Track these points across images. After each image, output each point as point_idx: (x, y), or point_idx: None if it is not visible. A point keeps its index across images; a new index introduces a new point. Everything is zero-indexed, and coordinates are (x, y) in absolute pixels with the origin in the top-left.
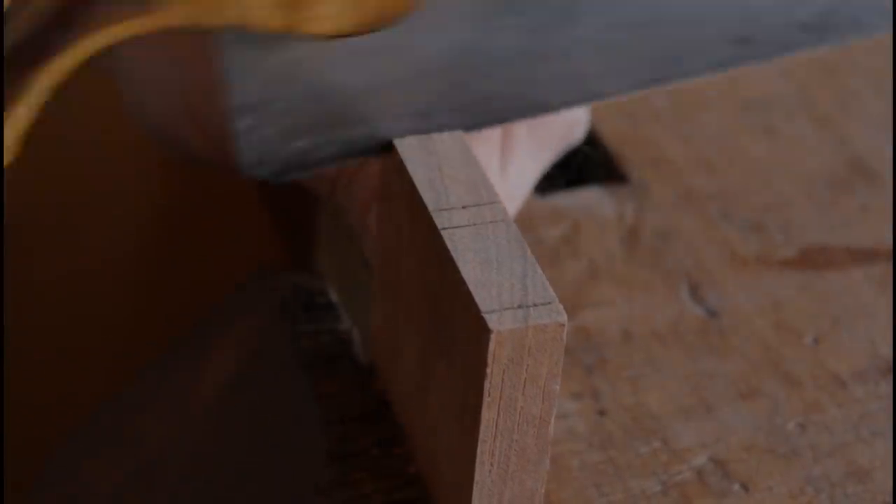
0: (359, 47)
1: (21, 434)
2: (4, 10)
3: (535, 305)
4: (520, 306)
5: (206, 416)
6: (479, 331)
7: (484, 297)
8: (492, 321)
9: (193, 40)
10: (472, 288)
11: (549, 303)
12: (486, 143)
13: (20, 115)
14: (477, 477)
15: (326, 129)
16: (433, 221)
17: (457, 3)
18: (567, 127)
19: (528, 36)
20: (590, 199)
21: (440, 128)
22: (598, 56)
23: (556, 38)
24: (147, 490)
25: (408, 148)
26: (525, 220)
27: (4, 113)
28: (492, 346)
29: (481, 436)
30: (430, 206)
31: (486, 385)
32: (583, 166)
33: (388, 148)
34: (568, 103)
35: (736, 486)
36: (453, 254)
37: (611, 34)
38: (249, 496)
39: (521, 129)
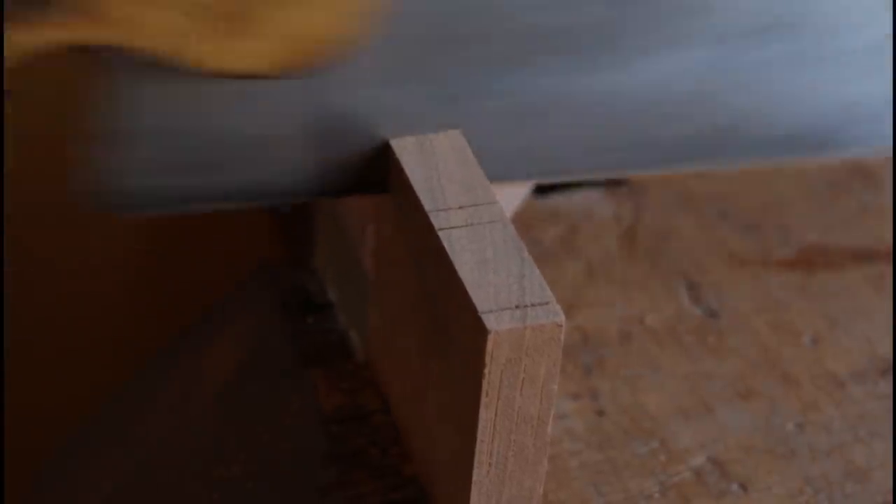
0: (260, 92)
1: (21, 434)
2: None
3: (532, 305)
4: (517, 306)
5: (205, 416)
6: (476, 331)
7: (481, 298)
8: (489, 321)
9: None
10: (469, 288)
11: (547, 303)
12: None
13: None
14: (475, 477)
15: (207, 170)
16: (430, 222)
17: (375, 62)
18: None
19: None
20: (588, 199)
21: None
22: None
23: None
24: (147, 489)
25: (405, 148)
26: (523, 221)
27: None
28: (489, 346)
29: (479, 436)
30: (427, 207)
31: (484, 385)
32: None
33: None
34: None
35: (734, 487)
36: (450, 254)
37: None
38: (248, 496)
39: None
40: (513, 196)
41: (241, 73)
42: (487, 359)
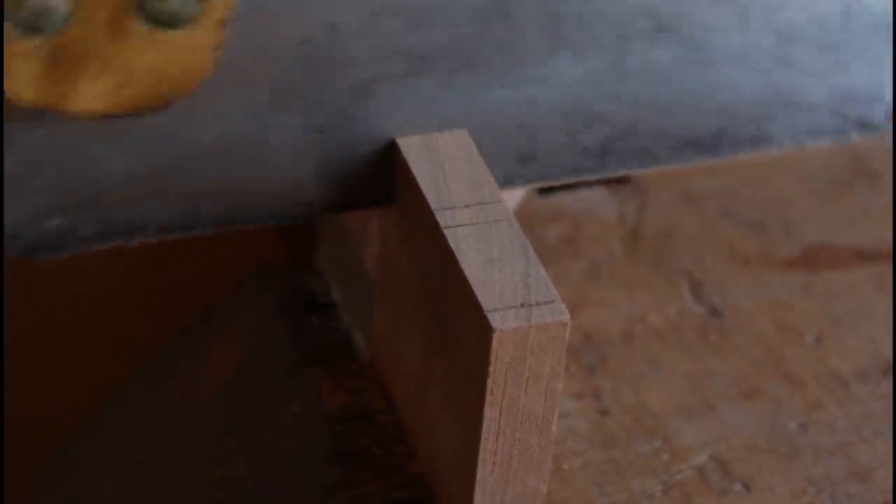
0: (124, 129)
1: (21, 434)
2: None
3: (537, 304)
4: (522, 305)
5: (206, 416)
6: (481, 330)
7: (486, 296)
8: (494, 320)
9: None
10: (474, 287)
11: (552, 301)
12: None
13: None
14: (479, 476)
15: (85, 210)
16: (436, 220)
17: (231, 94)
18: None
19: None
20: (591, 198)
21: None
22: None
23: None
24: (147, 489)
25: (411, 146)
26: (526, 220)
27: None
28: (494, 344)
29: (484, 435)
30: (433, 205)
31: (489, 384)
32: None
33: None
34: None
35: (737, 486)
36: (456, 253)
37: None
38: (251, 495)
39: None
40: (514, 196)
41: (98, 113)
42: (492, 357)
